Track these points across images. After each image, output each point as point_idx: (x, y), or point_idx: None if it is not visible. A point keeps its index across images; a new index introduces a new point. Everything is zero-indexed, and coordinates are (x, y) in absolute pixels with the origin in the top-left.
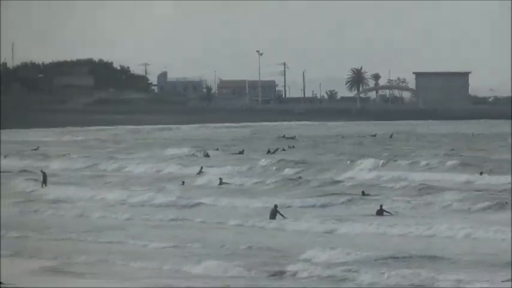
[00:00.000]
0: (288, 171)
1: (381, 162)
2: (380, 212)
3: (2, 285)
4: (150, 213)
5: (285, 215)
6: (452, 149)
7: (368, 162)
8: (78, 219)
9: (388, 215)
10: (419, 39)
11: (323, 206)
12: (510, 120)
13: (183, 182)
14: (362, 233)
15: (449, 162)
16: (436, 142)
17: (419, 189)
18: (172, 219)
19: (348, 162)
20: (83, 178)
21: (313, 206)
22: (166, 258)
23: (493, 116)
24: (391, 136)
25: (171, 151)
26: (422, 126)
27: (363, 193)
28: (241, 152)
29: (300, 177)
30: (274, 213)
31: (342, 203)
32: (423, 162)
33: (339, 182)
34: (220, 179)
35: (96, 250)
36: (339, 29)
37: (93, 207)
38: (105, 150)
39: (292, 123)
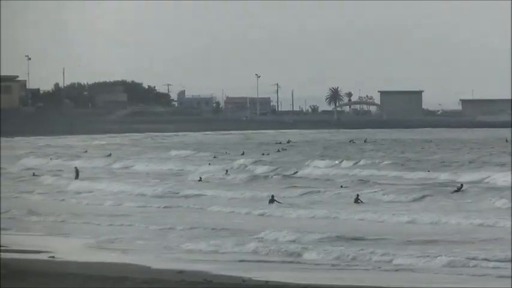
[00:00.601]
0: (262, 169)
1: (333, 161)
2: (356, 201)
3: (54, 259)
4: (151, 202)
5: (271, 204)
6: (401, 151)
7: (322, 162)
8: (98, 207)
9: (360, 203)
10: (383, 64)
11: (302, 195)
12: (452, 129)
13: (200, 178)
14: (314, 217)
15: (389, 162)
16: (385, 145)
17: (359, 183)
18: (168, 207)
19: (307, 162)
20: (100, 174)
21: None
22: (164, 237)
23: (440, 125)
24: (365, 140)
25: (174, 153)
26: (383, 134)
27: (341, 186)
28: (242, 154)
29: (268, 175)
30: (272, 201)
31: (318, 192)
32: (368, 161)
33: (298, 177)
34: (227, 170)
35: (113, 231)
36: (320, 57)
37: (107, 198)
38: (122, 152)
39: (284, 130)
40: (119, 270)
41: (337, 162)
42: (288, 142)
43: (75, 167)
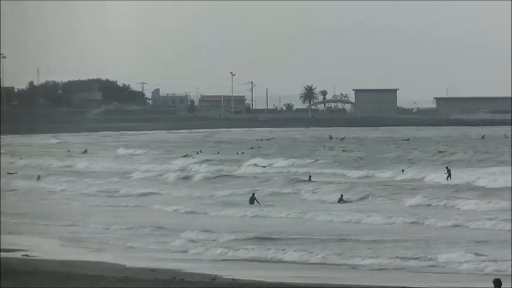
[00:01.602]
0: (206, 168)
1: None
2: (340, 201)
3: (28, 257)
4: (91, 201)
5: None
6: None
7: (255, 160)
8: (41, 206)
9: (343, 203)
10: (358, 62)
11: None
12: (427, 127)
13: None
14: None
15: (328, 160)
16: (344, 142)
17: (290, 180)
18: (110, 206)
19: (249, 159)
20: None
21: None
22: (108, 235)
23: (414, 123)
24: (342, 139)
25: (123, 151)
26: (356, 132)
27: (310, 179)
28: (218, 152)
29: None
30: (252, 199)
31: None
32: (308, 160)
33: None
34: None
35: (64, 231)
36: (295, 55)
37: (47, 197)
38: (71, 151)
39: (260, 129)
40: (96, 268)
41: (278, 159)
42: (270, 139)
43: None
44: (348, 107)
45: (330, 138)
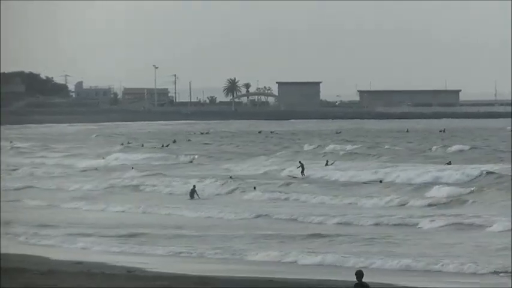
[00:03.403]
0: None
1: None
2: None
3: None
4: None
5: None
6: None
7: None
8: None
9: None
10: (282, 55)
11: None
12: (350, 120)
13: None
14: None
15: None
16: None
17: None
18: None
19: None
20: None
21: None
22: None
23: (337, 116)
24: (272, 132)
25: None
26: (280, 125)
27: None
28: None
29: None
30: (192, 193)
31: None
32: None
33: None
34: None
35: None
36: (219, 48)
37: None
38: None
39: (183, 121)
40: (18, 261)
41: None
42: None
43: None
44: (271, 99)
45: (259, 132)
